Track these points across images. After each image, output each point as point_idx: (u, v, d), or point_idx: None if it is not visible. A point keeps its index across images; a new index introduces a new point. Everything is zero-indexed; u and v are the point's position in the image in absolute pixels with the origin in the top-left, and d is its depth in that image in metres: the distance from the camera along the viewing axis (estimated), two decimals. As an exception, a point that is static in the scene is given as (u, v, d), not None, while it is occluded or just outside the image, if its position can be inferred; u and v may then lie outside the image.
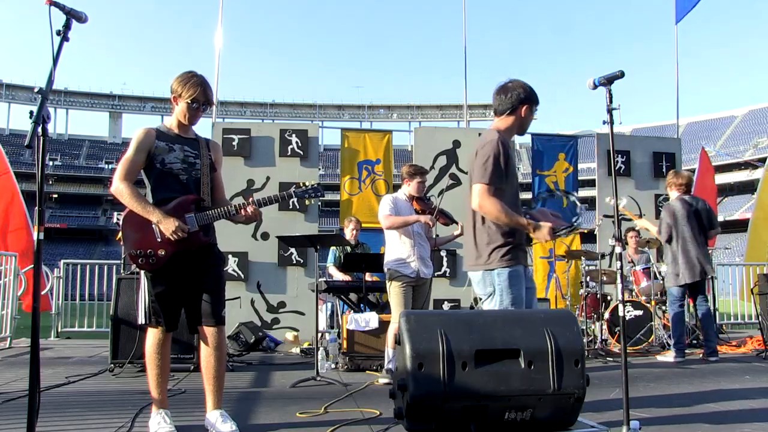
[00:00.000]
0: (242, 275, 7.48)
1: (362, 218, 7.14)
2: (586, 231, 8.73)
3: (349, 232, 6.66)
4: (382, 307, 5.67)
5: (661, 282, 6.49)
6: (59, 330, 7.70)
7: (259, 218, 3.09)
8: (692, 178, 6.02)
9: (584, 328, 6.38)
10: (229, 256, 7.32)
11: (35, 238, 2.05)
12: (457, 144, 8.13)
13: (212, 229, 3.10)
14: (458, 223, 4.67)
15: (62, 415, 3.28)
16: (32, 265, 2.07)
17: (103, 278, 8.04)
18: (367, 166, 8.06)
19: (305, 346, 6.49)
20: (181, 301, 2.96)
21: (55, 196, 52.03)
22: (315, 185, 3.20)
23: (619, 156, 8.40)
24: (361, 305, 5.76)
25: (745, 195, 47.53)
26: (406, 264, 4.53)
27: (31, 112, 2.04)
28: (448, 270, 7.84)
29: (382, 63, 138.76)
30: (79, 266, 8.15)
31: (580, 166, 9.28)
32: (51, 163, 51.12)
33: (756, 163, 42.95)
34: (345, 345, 5.17)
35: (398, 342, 2.62)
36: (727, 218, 42.94)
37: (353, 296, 5.82)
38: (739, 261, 10.82)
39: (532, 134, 8.87)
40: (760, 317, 6.13)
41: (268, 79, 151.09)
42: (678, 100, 9.31)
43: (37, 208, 2.02)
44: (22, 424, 2.05)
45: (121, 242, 3.09)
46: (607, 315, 6.44)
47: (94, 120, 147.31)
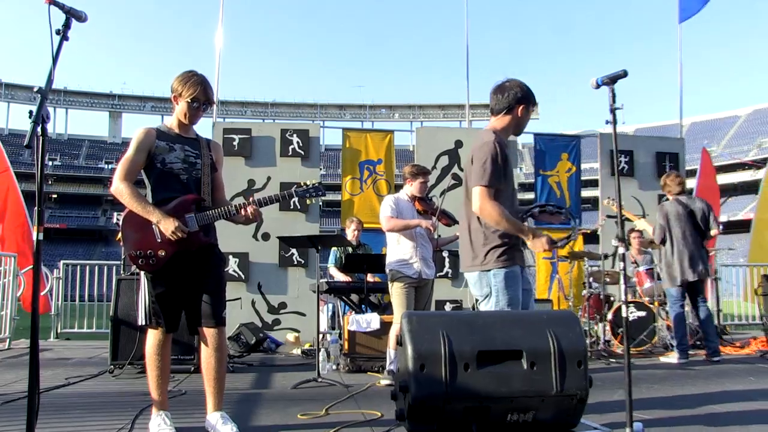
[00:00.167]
0: (243, 276, 7.47)
1: (363, 218, 7.13)
2: (588, 231, 8.69)
3: (350, 233, 6.65)
4: (384, 308, 5.65)
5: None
6: (59, 331, 7.69)
7: (259, 219, 3.06)
8: (684, 179, 6.00)
9: (587, 329, 6.35)
10: (230, 256, 7.31)
11: (35, 238, 2.03)
12: (459, 144, 8.11)
13: (213, 229, 3.08)
14: (460, 224, 4.65)
15: (62, 417, 3.27)
16: (32, 266, 2.05)
17: (103, 279, 8.03)
18: (369, 166, 8.05)
19: (306, 347, 6.47)
20: (181, 302, 2.94)
21: (55, 196, 51.98)
22: (316, 184, 3.18)
23: (622, 156, 8.40)
24: (363, 306, 5.73)
25: (749, 195, 47.23)
26: (409, 265, 4.52)
27: (31, 112, 2.04)
28: (450, 271, 7.82)
29: (383, 62, 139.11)
30: (78, 267, 8.14)
31: (583, 166, 9.27)
32: (50, 163, 51.09)
33: (759, 163, 42.86)
34: (346, 346, 5.15)
35: (400, 343, 2.60)
36: (731, 219, 42.77)
37: (354, 297, 5.81)
38: (743, 262, 10.78)
39: (535, 134, 8.86)
40: (763, 318, 6.11)
41: (269, 78, 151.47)
42: (681, 99, 9.22)
43: (36, 208, 2.00)
44: (21, 426, 2.04)
45: (120, 243, 3.07)
46: (610, 316, 6.42)
47: (93, 120, 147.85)
